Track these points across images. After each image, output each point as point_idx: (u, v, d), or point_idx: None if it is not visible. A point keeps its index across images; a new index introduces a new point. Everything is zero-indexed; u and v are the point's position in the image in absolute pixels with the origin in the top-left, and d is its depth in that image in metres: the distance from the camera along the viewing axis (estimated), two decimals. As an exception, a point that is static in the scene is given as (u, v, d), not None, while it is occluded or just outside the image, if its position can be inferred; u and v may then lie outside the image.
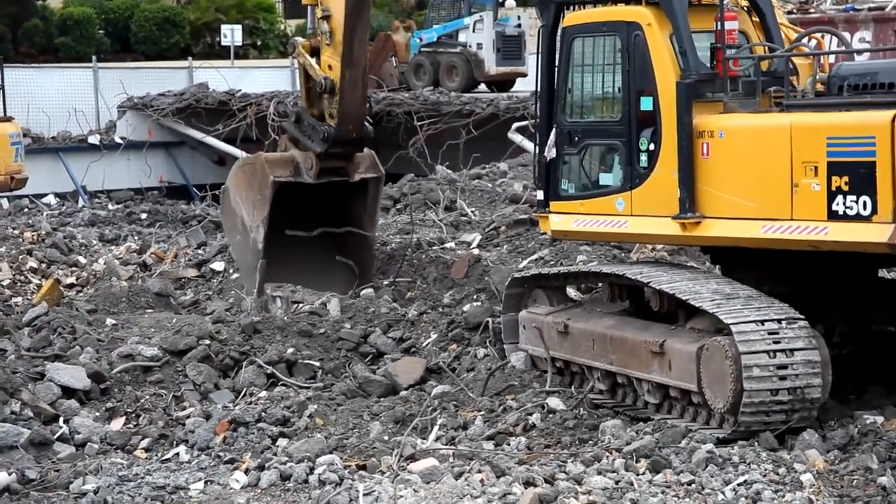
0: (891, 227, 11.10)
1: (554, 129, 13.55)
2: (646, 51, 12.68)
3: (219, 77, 38.48)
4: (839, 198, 11.40)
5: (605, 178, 13.25)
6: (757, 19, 13.35)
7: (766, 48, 13.03)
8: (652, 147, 12.67)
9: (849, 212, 11.34)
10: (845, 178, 11.35)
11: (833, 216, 11.44)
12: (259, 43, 68.62)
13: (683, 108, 12.37)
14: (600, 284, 14.08)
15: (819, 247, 11.71)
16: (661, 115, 12.56)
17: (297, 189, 17.60)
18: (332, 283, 17.66)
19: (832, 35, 14.14)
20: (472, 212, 21.31)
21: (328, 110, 17.46)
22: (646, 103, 12.71)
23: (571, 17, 13.50)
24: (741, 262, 12.86)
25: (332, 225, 18.11)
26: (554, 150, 13.53)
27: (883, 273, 13.56)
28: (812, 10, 26.01)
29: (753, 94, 12.39)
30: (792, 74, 12.55)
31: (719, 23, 12.41)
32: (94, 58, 42.23)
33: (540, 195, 13.86)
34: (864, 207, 11.26)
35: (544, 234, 15.51)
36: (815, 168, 11.52)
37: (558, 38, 13.56)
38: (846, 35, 16.52)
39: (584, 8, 13.58)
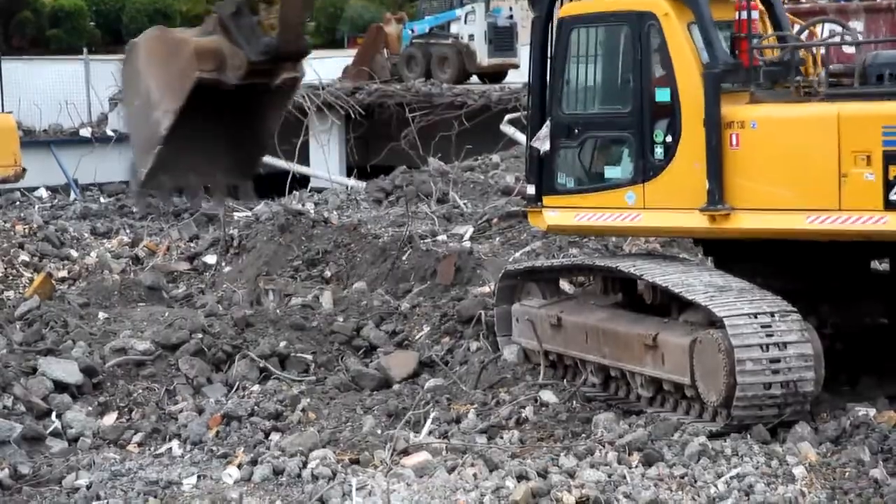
0: None
1: (548, 122, 13.27)
2: (662, 41, 12.50)
3: (210, 69, 38.31)
4: None
5: (612, 172, 12.98)
6: (763, 9, 13.27)
7: (777, 38, 12.95)
8: (669, 139, 12.49)
9: None
10: None
11: (891, 206, 11.36)
12: (250, 34, 68.45)
13: (712, 99, 12.18)
14: (593, 277, 14.05)
15: (872, 237, 11.64)
16: (681, 106, 12.37)
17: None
18: (217, 176, 15.60)
19: (839, 25, 14.01)
20: (465, 204, 21.31)
21: (266, 21, 16.00)
22: (661, 94, 12.50)
23: (569, 8, 13.24)
24: (734, 255, 12.84)
25: (238, 120, 15.66)
26: (547, 143, 13.24)
27: (875, 265, 13.56)
28: (804, 1, 25.98)
29: (775, 84, 12.28)
30: (801, 64, 12.50)
31: (740, 13, 12.31)
32: (85, 50, 42.14)
33: (531, 189, 13.54)
34: None
35: (533, 228, 15.41)
36: (868, 157, 11.43)
37: (554, 30, 13.34)
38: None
39: None
